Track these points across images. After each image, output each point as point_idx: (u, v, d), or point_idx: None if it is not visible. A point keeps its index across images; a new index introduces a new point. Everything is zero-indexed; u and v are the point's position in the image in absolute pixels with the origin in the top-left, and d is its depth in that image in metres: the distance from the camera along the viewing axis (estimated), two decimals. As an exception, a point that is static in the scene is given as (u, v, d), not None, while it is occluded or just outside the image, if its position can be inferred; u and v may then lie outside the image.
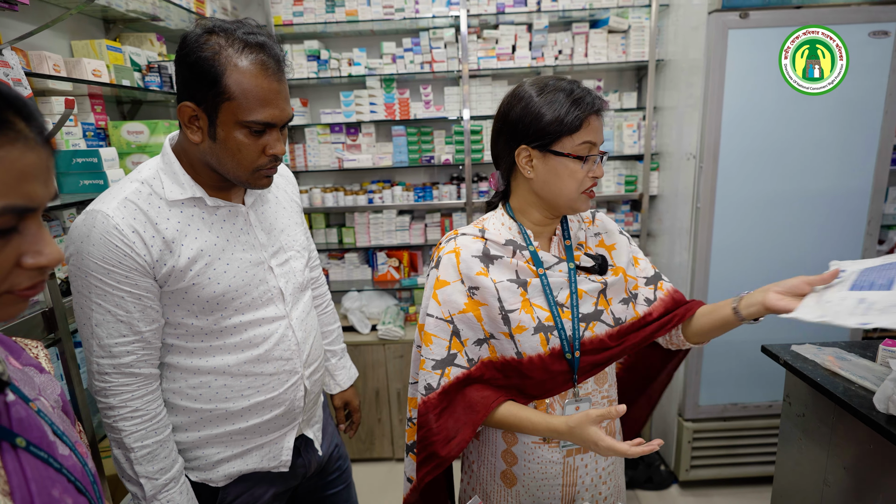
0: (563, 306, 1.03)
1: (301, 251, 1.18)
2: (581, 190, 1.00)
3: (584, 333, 1.03)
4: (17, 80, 1.10)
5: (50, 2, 1.63)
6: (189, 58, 0.89)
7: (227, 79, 0.88)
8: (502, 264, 1.03)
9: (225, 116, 0.90)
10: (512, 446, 1.08)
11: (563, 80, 0.99)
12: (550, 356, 1.01)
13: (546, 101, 0.97)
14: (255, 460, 1.11)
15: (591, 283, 1.05)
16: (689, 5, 2.26)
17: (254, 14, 2.70)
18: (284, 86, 0.95)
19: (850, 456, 1.36)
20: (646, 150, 2.63)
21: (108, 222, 0.90)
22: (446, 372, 1.02)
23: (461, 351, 1.03)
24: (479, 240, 1.05)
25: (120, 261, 0.91)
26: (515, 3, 2.55)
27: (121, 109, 2.07)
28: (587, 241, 1.12)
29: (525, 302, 1.02)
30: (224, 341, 1.03)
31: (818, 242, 2.22)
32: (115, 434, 0.97)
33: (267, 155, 0.95)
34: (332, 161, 2.77)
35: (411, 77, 2.74)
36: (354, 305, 2.78)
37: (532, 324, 1.00)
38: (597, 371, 1.05)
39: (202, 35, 0.89)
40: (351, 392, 1.47)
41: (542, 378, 1.01)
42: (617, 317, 1.07)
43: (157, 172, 0.97)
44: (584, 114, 0.95)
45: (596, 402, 1.08)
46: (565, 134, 0.96)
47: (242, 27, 0.92)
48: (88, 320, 0.94)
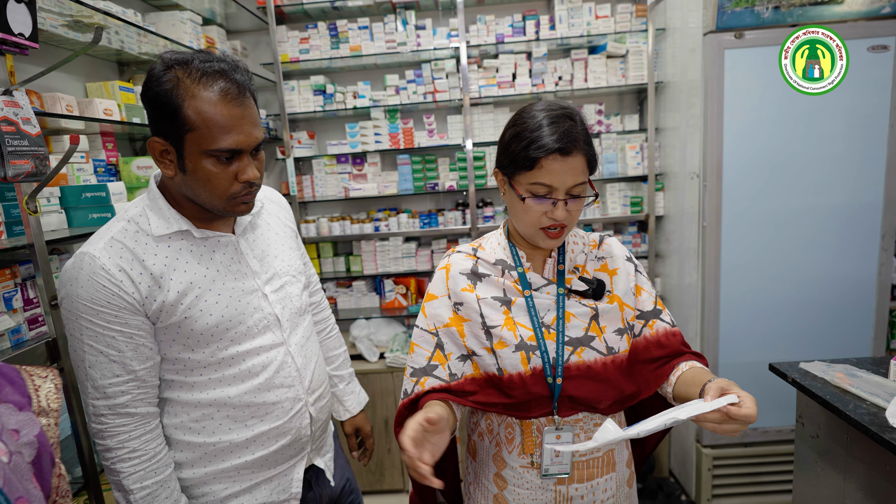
0: (550, 328, 1.01)
1: (297, 276, 1.17)
2: (538, 227, 0.96)
3: (569, 358, 0.99)
4: (27, 118, 1.16)
5: (63, 46, 1.72)
6: (149, 93, 0.90)
7: (186, 110, 0.88)
8: (489, 282, 1.03)
9: (190, 147, 0.90)
10: (502, 470, 1.05)
11: (546, 111, 0.94)
12: (532, 376, 0.98)
13: (515, 131, 0.95)
14: (265, 494, 1.08)
15: (582, 308, 1.02)
16: (685, 28, 2.29)
17: (262, 53, 2.81)
18: (249, 110, 0.93)
19: (867, 478, 1.29)
20: (650, 171, 2.62)
21: (95, 263, 0.91)
22: (421, 381, 1.02)
23: (443, 364, 1.02)
24: (471, 258, 1.07)
25: (108, 300, 0.91)
26: (514, 33, 2.62)
27: (133, 146, 2.15)
28: (586, 265, 1.07)
29: (508, 320, 1.01)
30: (223, 373, 1.01)
31: (832, 259, 2.17)
32: (114, 476, 0.96)
33: (240, 181, 0.94)
34: (339, 191, 2.82)
35: (414, 107, 2.80)
36: (363, 333, 2.78)
37: (514, 341, 0.99)
38: (578, 410, 0.99)
39: (162, 70, 0.90)
40: (361, 418, 1.42)
41: (524, 399, 0.99)
42: (610, 346, 1.01)
43: (144, 209, 0.98)
44: (537, 155, 0.90)
45: (587, 429, 1.02)
46: (519, 171, 0.93)
47: (201, 56, 0.91)
48: (82, 362, 0.94)
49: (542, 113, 0.93)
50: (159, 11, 2.16)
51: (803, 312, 2.20)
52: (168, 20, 2.11)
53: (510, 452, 1.04)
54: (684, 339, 1.08)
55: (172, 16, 2.11)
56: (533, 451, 1.01)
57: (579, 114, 0.96)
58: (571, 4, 2.58)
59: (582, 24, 2.58)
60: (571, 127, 0.91)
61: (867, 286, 2.18)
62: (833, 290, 2.18)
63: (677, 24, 2.39)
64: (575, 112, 0.96)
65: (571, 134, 0.91)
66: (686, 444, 2.44)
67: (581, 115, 0.97)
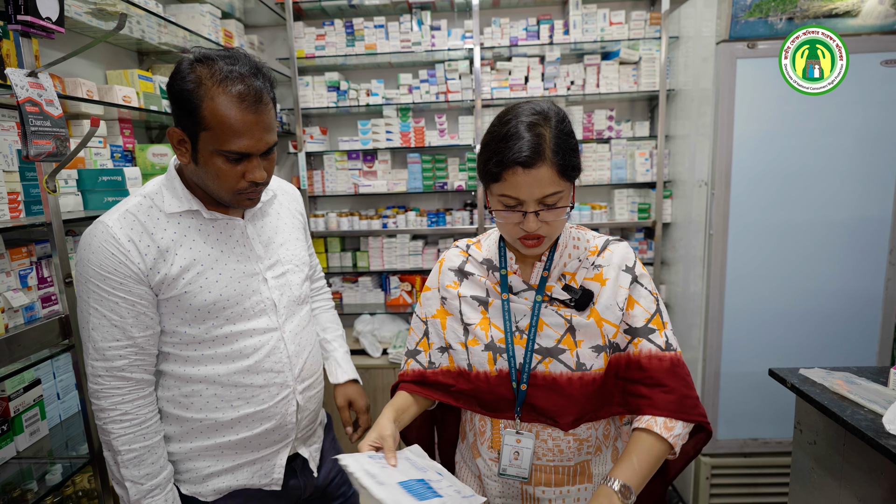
0: (523, 333, 1.00)
1: (300, 265, 1.20)
2: (515, 237, 0.94)
3: (536, 366, 0.98)
4: (50, 100, 1.19)
5: (85, 34, 1.76)
6: (173, 88, 0.95)
7: (203, 110, 0.92)
8: (473, 281, 1.06)
9: (203, 144, 0.95)
10: (476, 458, 1.09)
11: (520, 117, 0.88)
12: (497, 377, 0.99)
13: (486, 140, 0.92)
14: (246, 476, 1.11)
15: (558, 318, 0.98)
16: (699, 37, 2.30)
17: (279, 48, 2.85)
18: (264, 116, 0.96)
19: (862, 485, 1.29)
20: (658, 178, 2.63)
21: (107, 232, 0.97)
22: (408, 361, 1.12)
23: (426, 351, 1.11)
24: (463, 254, 1.10)
25: (115, 268, 0.96)
26: (528, 37, 2.64)
27: (149, 134, 2.19)
28: (577, 273, 1.01)
29: (484, 319, 1.03)
30: (215, 350, 1.05)
31: (838, 272, 2.16)
32: (105, 436, 1.01)
33: (246, 180, 0.99)
34: (349, 186, 2.85)
35: (427, 106, 2.83)
36: (367, 329, 2.80)
37: (485, 340, 1.01)
38: (539, 421, 0.98)
39: (188, 67, 0.94)
40: (355, 389, 1.35)
41: (490, 398, 1.01)
42: (581, 362, 0.96)
43: (160, 188, 1.04)
44: (498, 169, 0.87)
45: (556, 437, 1.00)
46: (490, 181, 0.91)
47: (227, 59, 0.95)
48: (87, 324, 0.99)
49: (513, 120, 0.88)
50: (180, 3, 2.20)
51: (807, 323, 2.20)
52: (188, 12, 2.15)
53: (482, 444, 1.07)
54: (676, 368, 0.96)
55: (192, 8, 2.15)
56: (499, 448, 1.03)
57: (557, 117, 0.89)
58: (586, 10, 2.60)
59: (596, 30, 2.60)
60: (538, 136, 0.86)
61: (873, 300, 2.17)
62: (839, 302, 2.17)
63: (691, 32, 2.40)
64: (550, 117, 0.89)
65: (537, 144, 0.85)
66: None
67: (559, 118, 0.90)
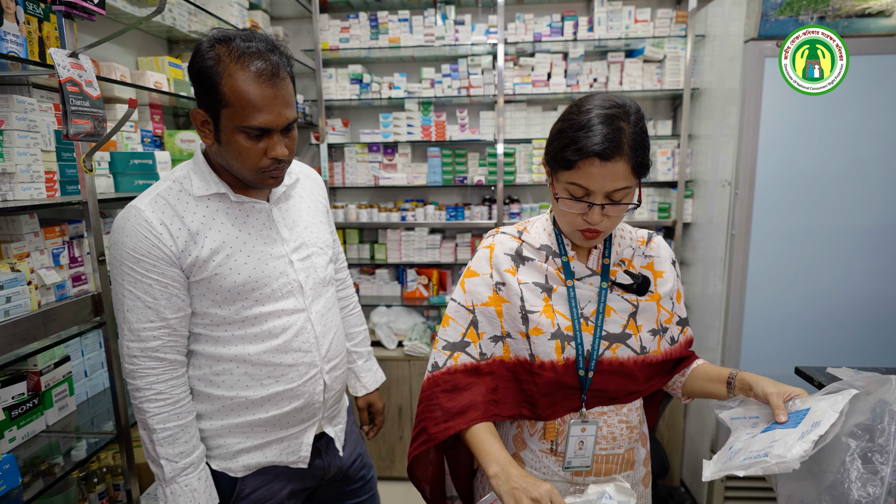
0: (588, 320, 1.00)
1: (324, 248, 1.22)
2: (575, 228, 0.94)
3: (604, 353, 0.99)
4: (90, 81, 1.22)
5: (119, 20, 1.80)
6: (194, 67, 0.97)
7: (223, 87, 0.94)
8: (532, 267, 1.03)
9: (225, 122, 0.97)
10: (521, 451, 1.06)
11: (599, 108, 0.88)
12: (564, 367, 0.98)
13: (561, 126, 0.92)
14: (274, 453, 1.14)
15: (623, 303, 1.00)
16: (726, 35, 2.29)
17: (304, 40, 2.88)
18: (282, 91, 0.97)
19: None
20: (680, 178, 2.61)
21: (140, 216, 0.99)
22: (455, 355, 1.03)
23: (475, 342, 1.03)
24: (516, 240, 1.06)
25: (148, 250, 0.99)
26: (552, 33, 2.63)
27: (177, 121, 2.22)
28: (633, 259, 1.05)
29: (548, 307, 1.00)
30: (245, 331, 1.07)
31: (863, 277, 2.13)
32: (141, 415, 1.03)
33: (268, 157, 1.00)
34: (369, 179, 2.87)
35: (448, 101, 2.83)
36: (382, 321, 2.82)
37: (551, 329, 0.98)
38: (602, 403, 1.01)
39: (207, 46, 0.96)
40: (375, 395, 1.47)
41: (550, 390, 0.99)
42: (643, 345, 1.01)
43: (189, 172, 1.06)
44: (574, 157, 0.87)
45: (611, 424, 1.01)
46: (559, 168, 0.92)
47: (243, 35, 0.97)
48: (121, 306, 1.01)
49: (595, 110, 0.88)
50: (209, -7, 2.23)
51: (830, 328, 2.17)
52: (217, 2, 2.17)
53: (531, 435, 1.04)
54: None
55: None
56: (554, 438, 1.01)
57: (637, 114, 0.89)
58: (611, 7, 2.59)
59: (620, 28, 2.59)
60: (619, 130, 0.86)
61: (898, 306, 2.14)
62: (863, 306, 2.14)
63: (718, 31, 2.38)
64: (630, 111, 0.89)
65: (617, 138, 0.85)
66: (700, 454, 2.42)
67: (638, 115, 0.90)
